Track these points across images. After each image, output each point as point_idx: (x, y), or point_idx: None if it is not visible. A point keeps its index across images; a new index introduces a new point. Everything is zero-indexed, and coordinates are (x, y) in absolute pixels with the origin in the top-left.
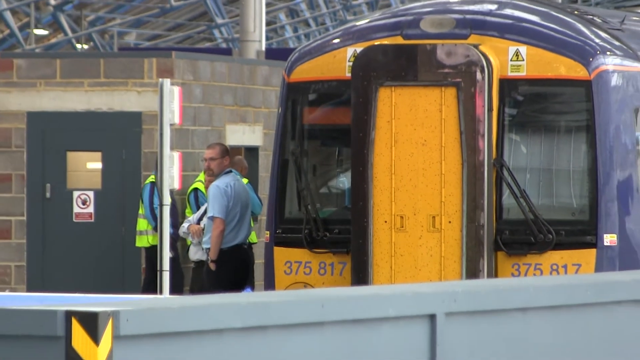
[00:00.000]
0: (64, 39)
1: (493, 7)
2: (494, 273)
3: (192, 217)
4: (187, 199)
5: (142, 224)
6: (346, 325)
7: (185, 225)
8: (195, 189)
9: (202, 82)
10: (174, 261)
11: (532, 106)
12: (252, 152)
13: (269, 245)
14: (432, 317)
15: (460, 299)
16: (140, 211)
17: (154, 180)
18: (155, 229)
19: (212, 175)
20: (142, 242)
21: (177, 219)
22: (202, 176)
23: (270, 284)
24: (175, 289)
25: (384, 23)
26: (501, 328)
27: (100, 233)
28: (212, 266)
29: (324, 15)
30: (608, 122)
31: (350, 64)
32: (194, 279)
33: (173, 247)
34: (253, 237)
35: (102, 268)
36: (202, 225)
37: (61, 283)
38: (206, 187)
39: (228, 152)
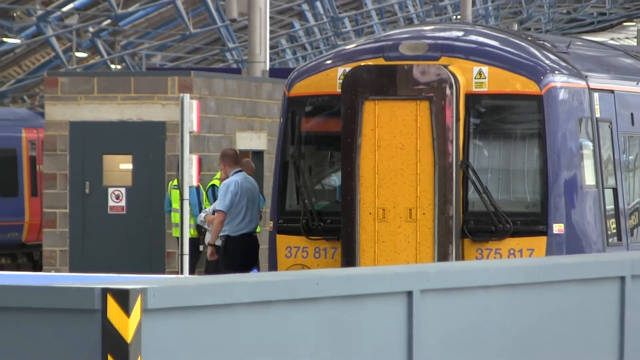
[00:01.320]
0: (101, 60)
1: (460, 33)
2: (461, 257)
3: (208, 209)
4: (206, 194)
5: (178, 217)
6: (337, 301)
7: (202, 215)
8: (213, 185)
9: (216, 96)
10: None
11: (492, 117)
12: (258, 155)
13: (272, 233)
14: (409, 294)
15: (433, 278)
16: (174, 205)
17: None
18: (196, 225)
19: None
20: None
21: None
22: (218, 174)
23: (273, 266)
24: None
25: (369, 47)
26: (467, 303)
27: (131, 223)
28: (210, 250)
29: (318, 41)
30: (556, 130)
31: (340, 81)
32: (209, 261)
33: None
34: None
35: (132, 252)
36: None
37: (98, 265)
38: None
39: (222, 157)
